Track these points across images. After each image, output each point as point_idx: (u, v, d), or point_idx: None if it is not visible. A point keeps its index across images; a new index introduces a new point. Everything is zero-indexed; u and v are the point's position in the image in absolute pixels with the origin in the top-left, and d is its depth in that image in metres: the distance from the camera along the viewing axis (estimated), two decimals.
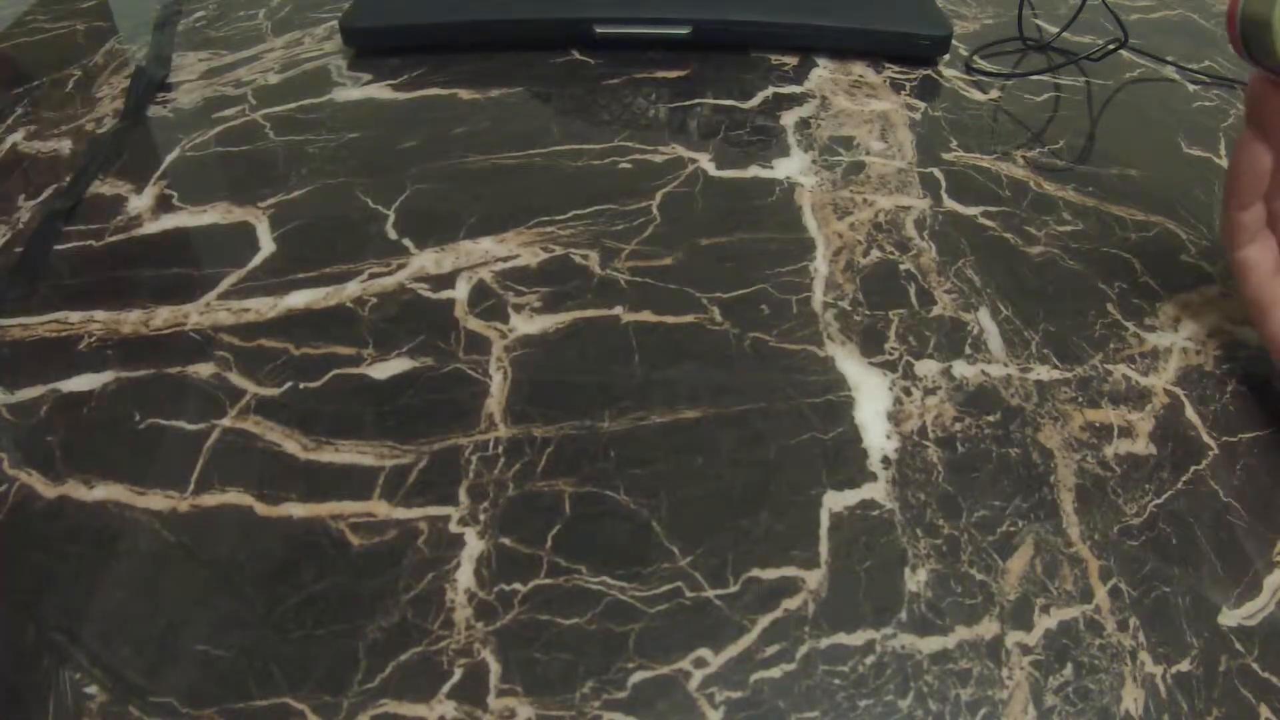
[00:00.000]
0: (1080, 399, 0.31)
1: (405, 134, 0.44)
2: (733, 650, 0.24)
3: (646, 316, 0.34)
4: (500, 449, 0.29)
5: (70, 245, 0.38)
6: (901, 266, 0.36)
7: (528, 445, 0.29)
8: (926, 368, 0.32)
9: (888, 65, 0.51)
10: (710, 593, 0.26)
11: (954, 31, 0.51)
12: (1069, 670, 0.24)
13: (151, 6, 0.57)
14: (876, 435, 0.30)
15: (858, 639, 0.25)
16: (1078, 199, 0.40)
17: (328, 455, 0.29)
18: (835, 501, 0.28)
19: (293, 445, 0.29)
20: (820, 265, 0.36)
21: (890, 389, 0.31)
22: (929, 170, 0.42)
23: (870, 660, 0.24)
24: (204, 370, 0.32)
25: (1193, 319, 0.34)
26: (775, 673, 0.24)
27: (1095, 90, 0.49)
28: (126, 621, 0.25)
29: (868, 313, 0.34)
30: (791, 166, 0.42)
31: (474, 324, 0.34)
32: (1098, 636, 0.25)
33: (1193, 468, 0.29)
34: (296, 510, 0.27)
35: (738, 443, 0.29)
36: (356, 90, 0.48)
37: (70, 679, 0.23)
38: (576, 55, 0.51)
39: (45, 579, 0.26)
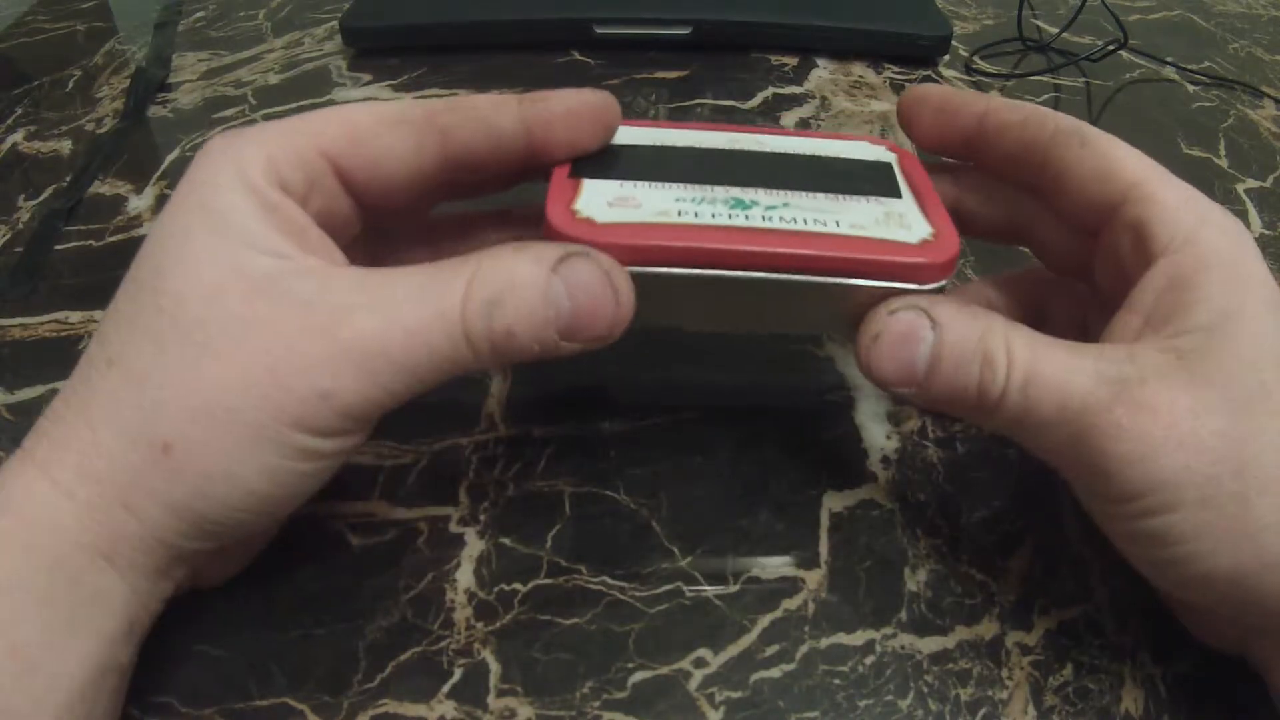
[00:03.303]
0: None
1: None
2: (733, 650, 0.24)
3: None
4: (500, 449, 0.29)
5: (70, 245, 0.38)
6: None
7: (528, 445, 0.29)
8: None
9: (888, 66, 0.51)
10: (710, 593, 0.26)
11: (954, 32, 0.51)
12: (1069, 670, 0.24)
13: (151, 7, 0.57)
14: (876, 435, 0.30)
15: (858, 639, 0.25)
16: None
17: None
18: (835, 501, 0.28)
19: None
20: None
21: None
22: None
23: (870, 660, 0.24)
24: None
25: None
26: (775, 673, 0.24)
27: (1095, 91, 0.49)
28: None
29: None
30: None
31: None
32: (1098, 636, 0.25)
33: None
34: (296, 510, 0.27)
35: (738, 443, 0.29)
36: (356, 90, 0.48)
37: None
38: (576, 55, 0.51)
39: None
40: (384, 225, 0.26)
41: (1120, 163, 0.23)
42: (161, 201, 0.40)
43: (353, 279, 0.21)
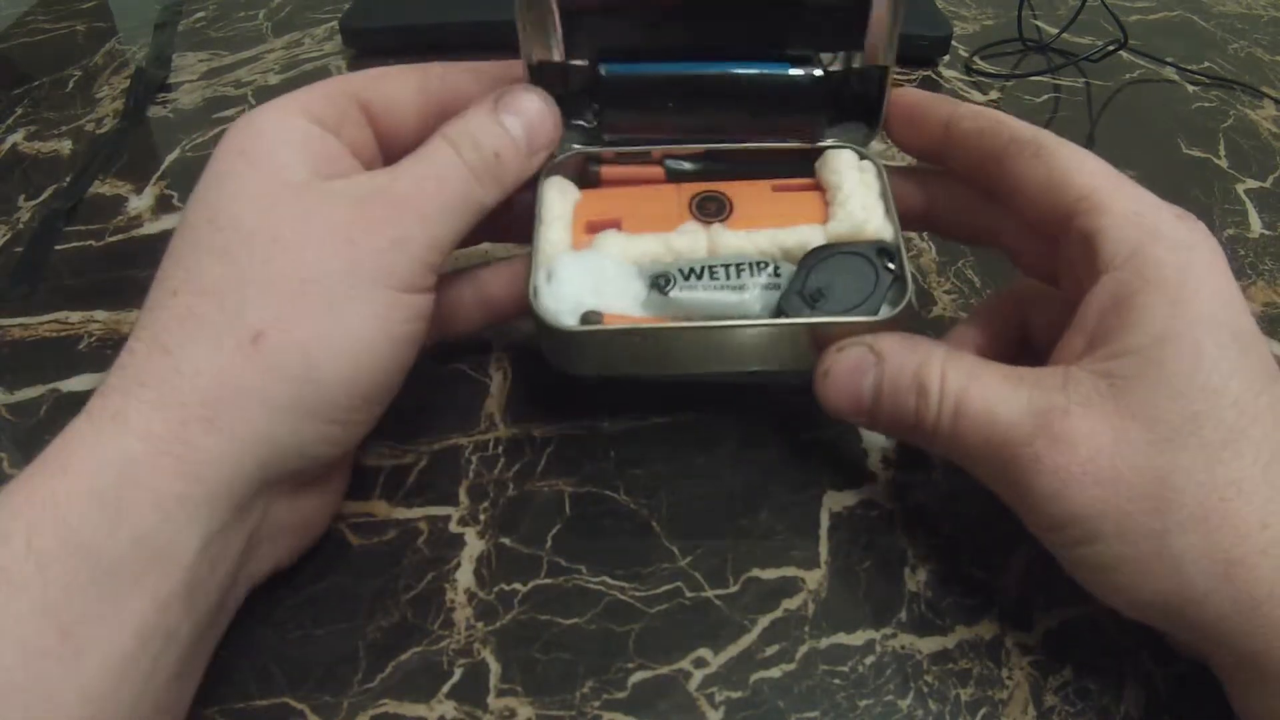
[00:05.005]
0: None
1: None
2: (733, 650, 0.24)
3: None
4: (500, 449, 0.29)
5: (70, 245, 0.38)
6: None
7: (528, 445, 0.29)
8: None
9: None
10: (710, 593, 0.26)
11: (954, 32, 0.51)
12: (1069, 670, 0.24)
13: (151, 6, 0.57)
14: (876, 435, 0.30)
15: (858, 639, 0.25)
16: None
17: None
18: (835, 501, 0.28)
19: None
20: None
21: None
22: None
23: (870, 660, 0.24)
24: None
25: None
26: (775, 673, 0.24)
27: (1095, 91, 0.49)
28: None
29: None
30: None
31: None
32: (1098, 636, 0.25)
33: None
34: None
35: (738, 443, 0.29)
36: None
37: None
38: None
39: None
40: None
41: (1072, 174, 0.23)
42: (161, 201, 0.40)
43: (378, 171, 0.24)
